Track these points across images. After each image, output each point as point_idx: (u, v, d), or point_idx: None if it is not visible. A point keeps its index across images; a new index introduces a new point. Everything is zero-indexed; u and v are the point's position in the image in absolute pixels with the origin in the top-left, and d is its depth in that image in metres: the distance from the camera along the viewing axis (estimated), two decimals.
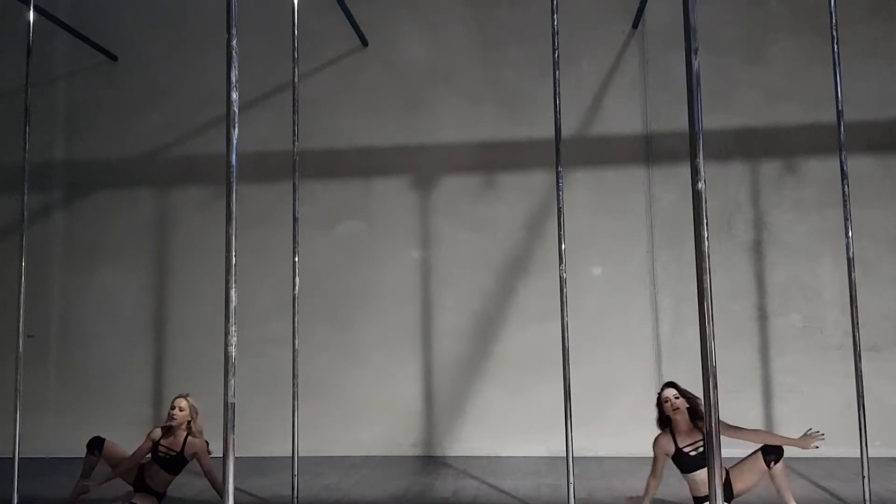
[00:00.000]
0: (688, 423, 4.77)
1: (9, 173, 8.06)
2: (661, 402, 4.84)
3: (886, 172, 7.53)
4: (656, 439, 4.84)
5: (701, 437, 4.67)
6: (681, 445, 4.74)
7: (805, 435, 4.76)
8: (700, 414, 4.66)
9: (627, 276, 7.71)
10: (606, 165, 7.90)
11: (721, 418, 4.78)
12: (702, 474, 4.58)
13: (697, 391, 5.20)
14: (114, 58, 8.60)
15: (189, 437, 5.23)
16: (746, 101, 7.74)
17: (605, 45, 8.02)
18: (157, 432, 5.30)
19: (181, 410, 5.22)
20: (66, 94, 8.71)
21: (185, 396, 5.34)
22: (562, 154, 5.01)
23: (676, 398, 4.78)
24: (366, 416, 7.80)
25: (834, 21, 5.23)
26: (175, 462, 5.25)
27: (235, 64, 3.31)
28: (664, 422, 4.84)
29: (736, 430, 4.66)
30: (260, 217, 7.89)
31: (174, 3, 8.65)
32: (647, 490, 4.86)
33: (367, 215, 8.13)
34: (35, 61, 5.99)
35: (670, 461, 4.84)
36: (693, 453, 4.71)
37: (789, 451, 7.20)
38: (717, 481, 2.70)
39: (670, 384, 4.90)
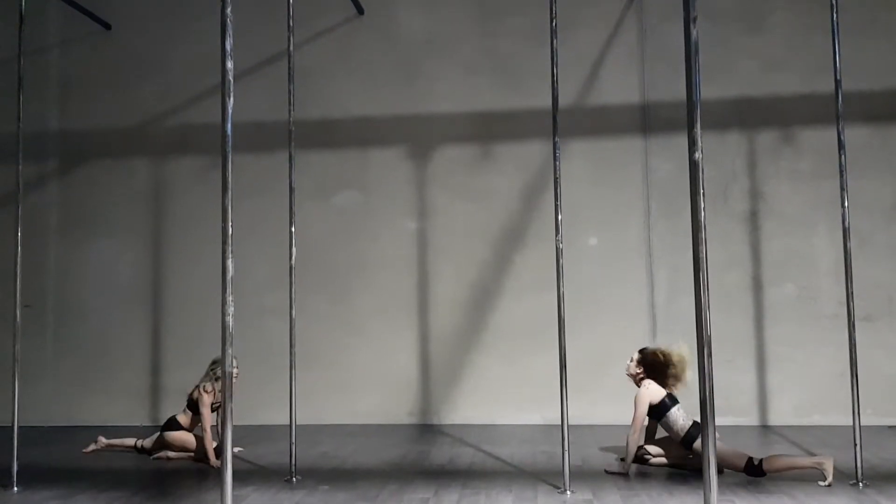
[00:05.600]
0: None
1: (2, 143, 8.01)
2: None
3: (883, 143, 7.52)
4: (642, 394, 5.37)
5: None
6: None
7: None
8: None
9: (624, 246, 7.73)
10: (603, 135, 7.87)
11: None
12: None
13: (692, 360, 5.27)
14: (107, 26, 8.51)
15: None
16: (744, 70, 7.70)
17: (603, 15, 7.95)
18: (211, 395, 5.85)
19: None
20: (59, 63, 8.62)
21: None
22: (559, 124, 4.99)
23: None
24: (362, 386, 7.85)
25: None
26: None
27: (230, 32, 3.28)
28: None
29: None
30: (256, 187, 7.87)
31: None
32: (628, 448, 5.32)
33: (364, 186, 8.12)
34: (28, 30, 5.90)
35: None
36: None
37: (780, 419, 7.27)
38: (711, 449, 2.74)
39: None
